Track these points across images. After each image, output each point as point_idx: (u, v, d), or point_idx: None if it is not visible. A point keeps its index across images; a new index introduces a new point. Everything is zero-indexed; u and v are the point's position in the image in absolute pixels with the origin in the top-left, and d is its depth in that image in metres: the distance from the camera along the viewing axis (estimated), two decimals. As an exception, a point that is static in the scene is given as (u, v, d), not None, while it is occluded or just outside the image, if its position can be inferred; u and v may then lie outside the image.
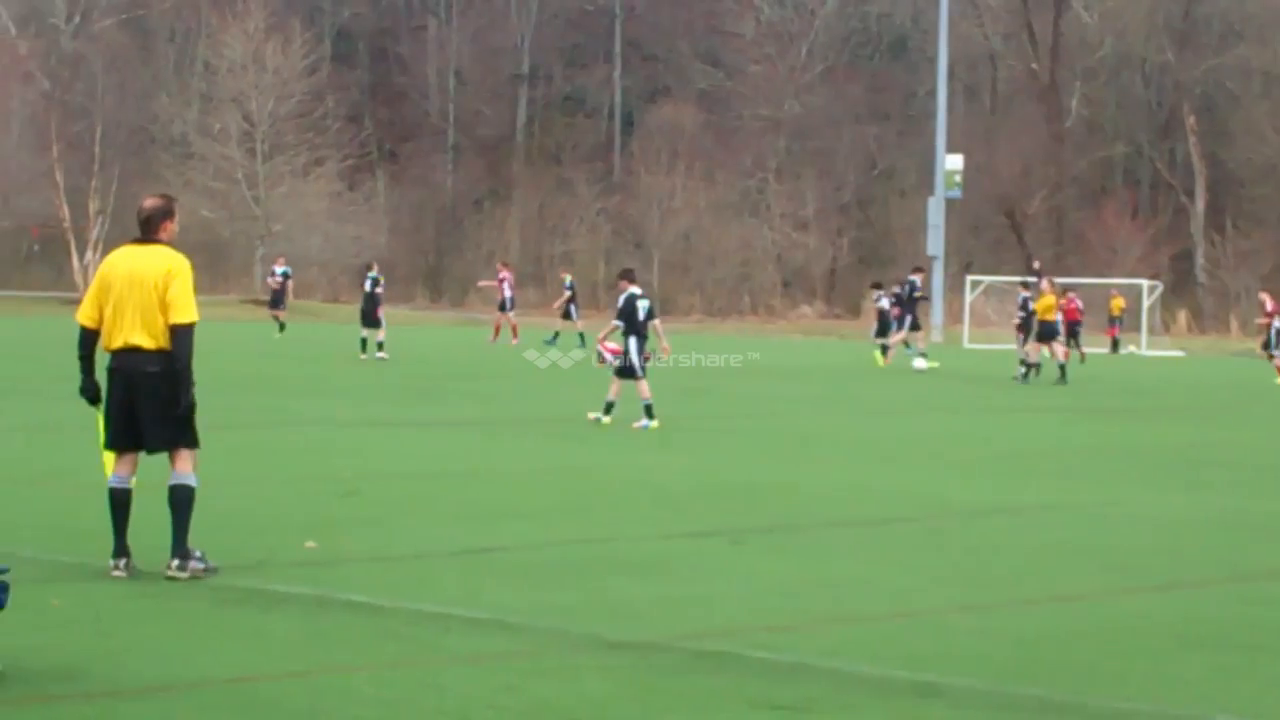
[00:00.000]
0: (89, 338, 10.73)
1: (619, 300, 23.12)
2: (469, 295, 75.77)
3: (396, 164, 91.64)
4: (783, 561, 12.15)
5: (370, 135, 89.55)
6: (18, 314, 62.15)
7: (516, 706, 7.82)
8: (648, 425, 22.43)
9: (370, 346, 38.21)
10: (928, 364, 39.63)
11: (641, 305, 22.95)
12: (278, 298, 50.36)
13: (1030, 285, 38.40)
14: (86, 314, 10.73)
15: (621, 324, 22.88)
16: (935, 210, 65.10)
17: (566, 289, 48.82)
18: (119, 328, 10.59)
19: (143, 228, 10.77)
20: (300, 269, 75.92)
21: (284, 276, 50.48)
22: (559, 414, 23.81)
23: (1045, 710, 8.09)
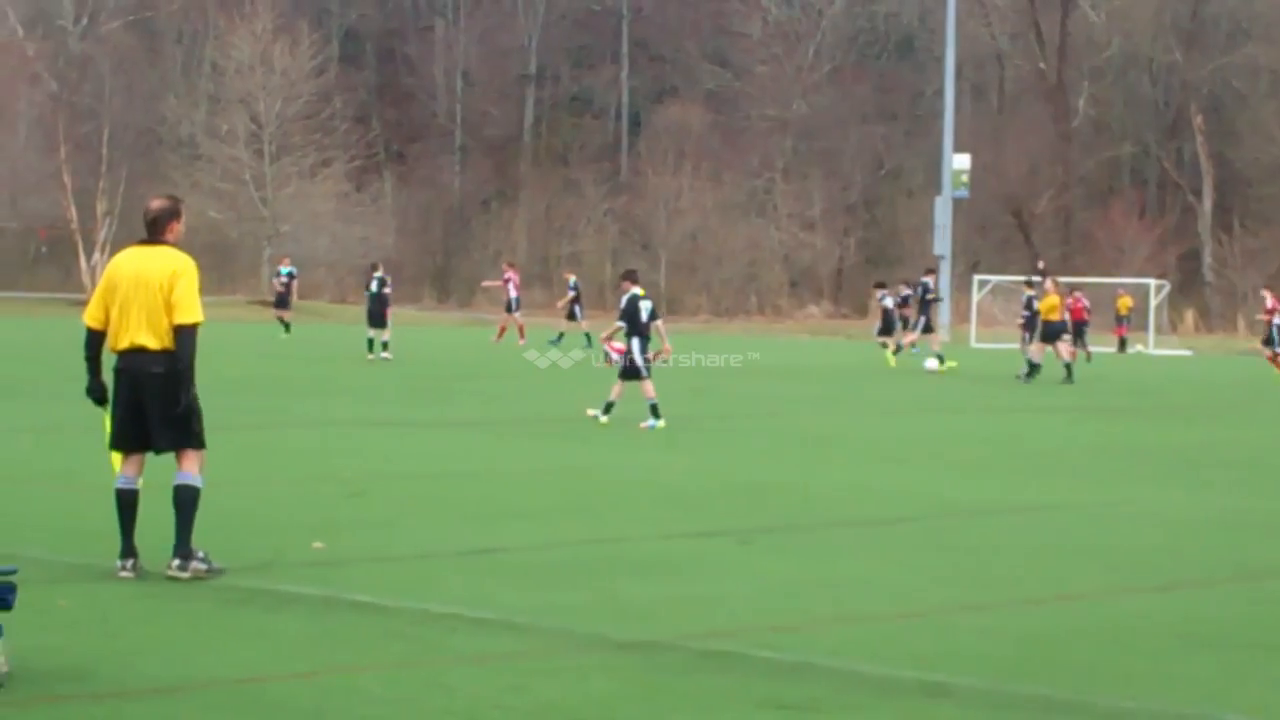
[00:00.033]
0: (95, 338, 10.77)
1: (621, 301, 23.17)
2: (476, 296, 75.79)
3: (404, 165, 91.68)
4: (788, 561, 12.16)
5: (377, 136, 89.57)
6: (25, 315, 62.19)
7: (523, 706, 7.84)
8: (654, 425, 22.47)
9: (376, 346, 38.33)
10: (944, 365, 39.52)
11: (644, 306, 22.98)
12: (283, 298, 50.42)
13: (1035, 285, 38.39)
14: (93, 315, 10.76)
15: (624, 324, 22.92)
16: (942, 210, 65.09)
17: (571, 289, 48.82)
18: (125, 328, 10.61)
19: (149, 229, 10.80)
20: (307, 270, 76.00)
21: (289, 277, 50.53)
22: (564, 414, 23.83)
23: (1049, 709, 8.10)
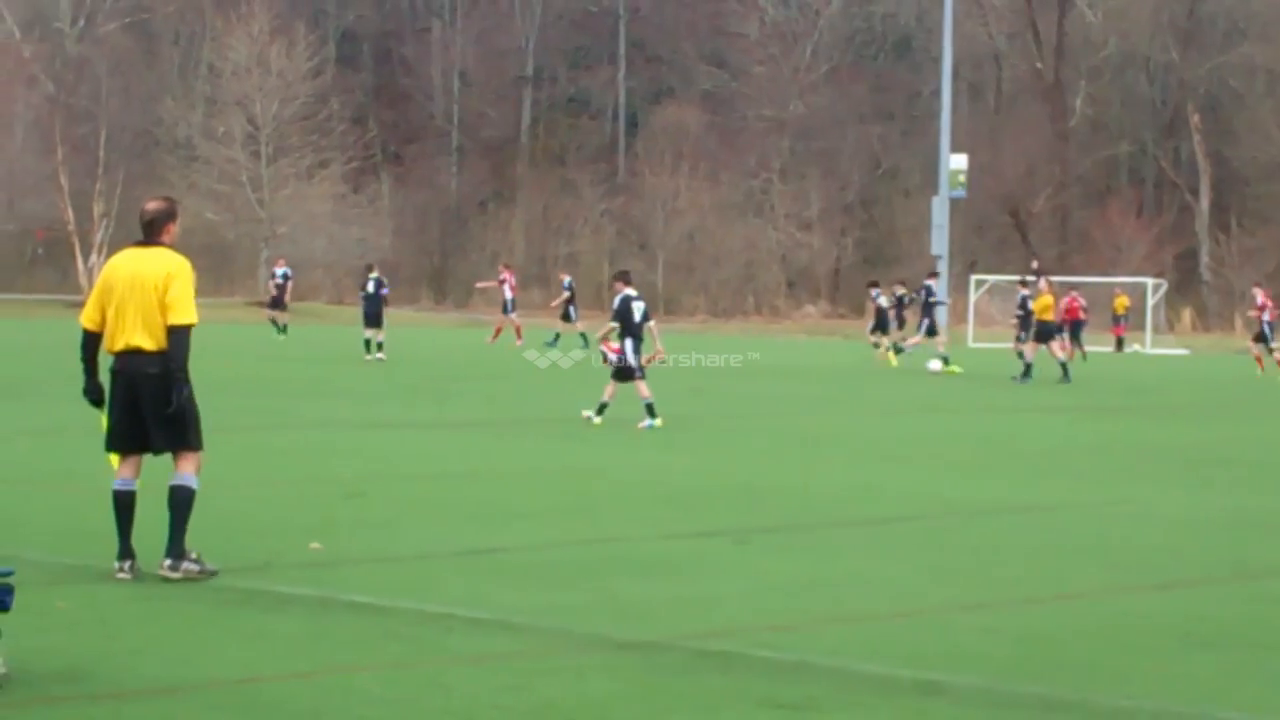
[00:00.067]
0: (91, 340, 10.78)
1: (614, 302, 23.21)
2: (473, 297, 75.78)
3: (401, 166, 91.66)
4: (786, 561, 12.15)
5: (374, 137, 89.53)
6: (22, 316, 62.17)
7: (521, 706, 7.83)
8: (651, 424, 22.51)
9: (373, 347, 38.40)
10: (948, 367, 39.49)
11: (637, 307, 23.02)
12: (277, 300, 50.45)
13: (1029, 284, 38.37)
14: (89, 316, 10.77)
15: (618, 325, 22.96)
16: (939, 210, 65.02)
17: (565, 289, 48.94)
18: (121, 330, 10.62)
19: (145, 230, 10.81)
20: (305, 271, 76.00)
21: (284, 278, 50.56)
22: (562, 414, 23.82)
23: (1048, 708, 8.10)
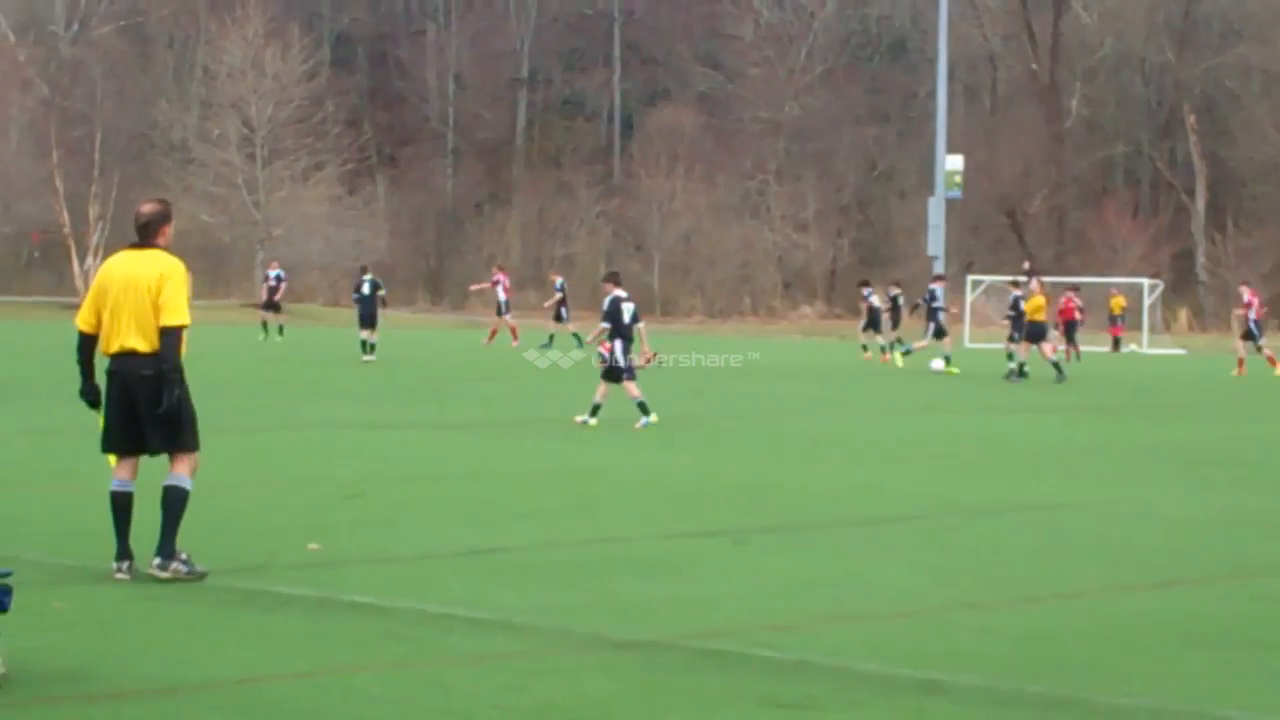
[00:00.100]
0: (87, 342, 10.80)
1: (604, 303, 23.24)
2: (469, 298, 75.79)
3: (396, 168, 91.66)
4: (786, 561, 12.15)
5: (370, 140, 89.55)
6: (19, 319, 62.17)
7: (521, 706, 7.83)
8: (647, 422, 22.59)
9: (368, 348, 38.43)
10: (949, 367, 39.50)
11: (626, 308, 23.06)
12: (271, 301, 50.46)
13: (1021, 285, 38.36)
14: (85, 319, 10.79)
15: (609, 325, 22.99)
16: (935, 211, 65.02)
17: (557, 290, 49.09)
18: (116, 332, 10.63)
19: (141, 233, 10.82)
20: (301, 273, 76.01)
21: (277, 280, 50.60)
22: (560, 415, 23.81)
23: (1048, 707, 8.09)
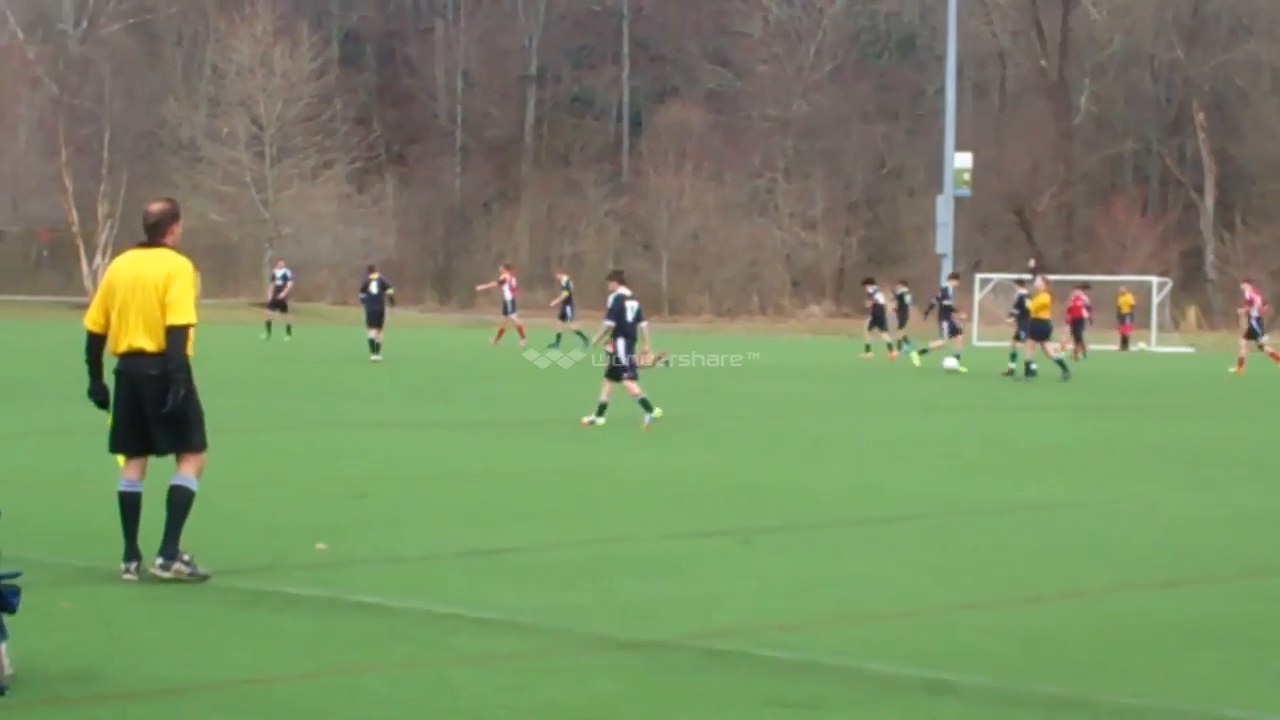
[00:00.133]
0: (96, 342, 10.81)
1: (608, 301, 23.25)
2: (478, 297, 75.83)
3: (405, 166, 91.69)
4: (792, 560, 12.16)
5: (378, 138, 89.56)
6: (27, 318, 62.24)
7: (527, 706, 7.85)
8: (652, 418, 22.62)
9: (377, 347, 38.46)
10: (958, 365, 39.51)
11: (630, 306, 23.09)
12: (278, 301, 50.50)
13: (1026, 283, 38.34)
14: (93, 318, 10.80)
15: (613, 323, 23.01)
16: (944, 208, 65.01)
17: (564, 289, 49.19)
18: (124, 331, 10.65)
19: (149, 232, 10.83)
20: (309, 272, 76.03)
21: (284, 279, 50.64)
22: (566, 415, 23.82)
23: (1054, 706, 8.10)
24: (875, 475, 17.97)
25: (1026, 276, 39.48)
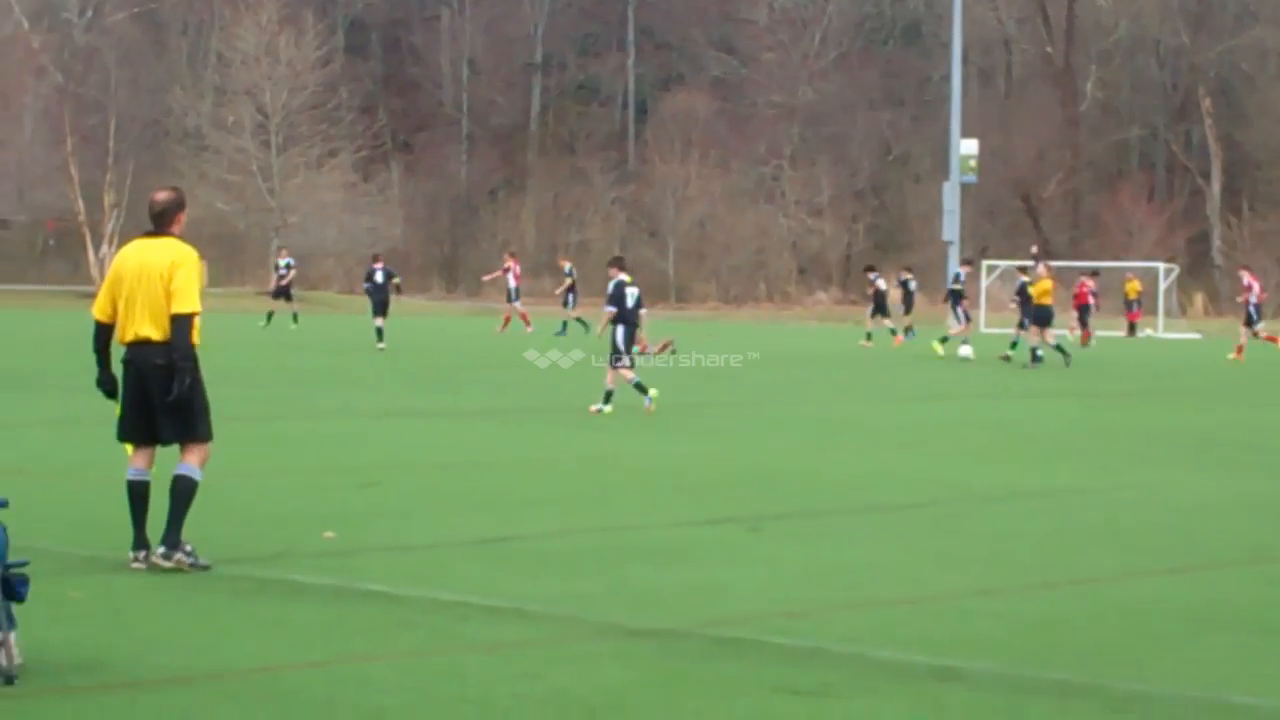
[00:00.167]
0: (103, 331, 10.81)
1: (609, 287, 23.23)
2: (484, 285, 75.85)
3: (410, 154, 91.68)
4: (801, 548, 12.15)
5: (384, 126, 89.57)
6: (34, 307, 62.31)
7: (536, 694, 7.84)
8: (650, 400, 22.68)
9: (384, 335, 38.50)
10: (970, 353, 39.51)
11: (630, 293, 23.10)
12: (283, 290, 50.52)
13: (1028, 270, 38.28)
14: (100, 308, 10.80)
15: (615, 309, 23.01)
16: (950, 195, 64.96)
17: (567, 276, 49.31)
18: (130, 320, 10.64)
19: (155, 221, 10.83)
20: (316, 261, 76.09)
21: (287, 268, 50.66)
22: (573, 403, 23.82)
23: (1064, 693, 8.10)
24: (883, 462, 17.96)
25: (1029, 263, 39.44)
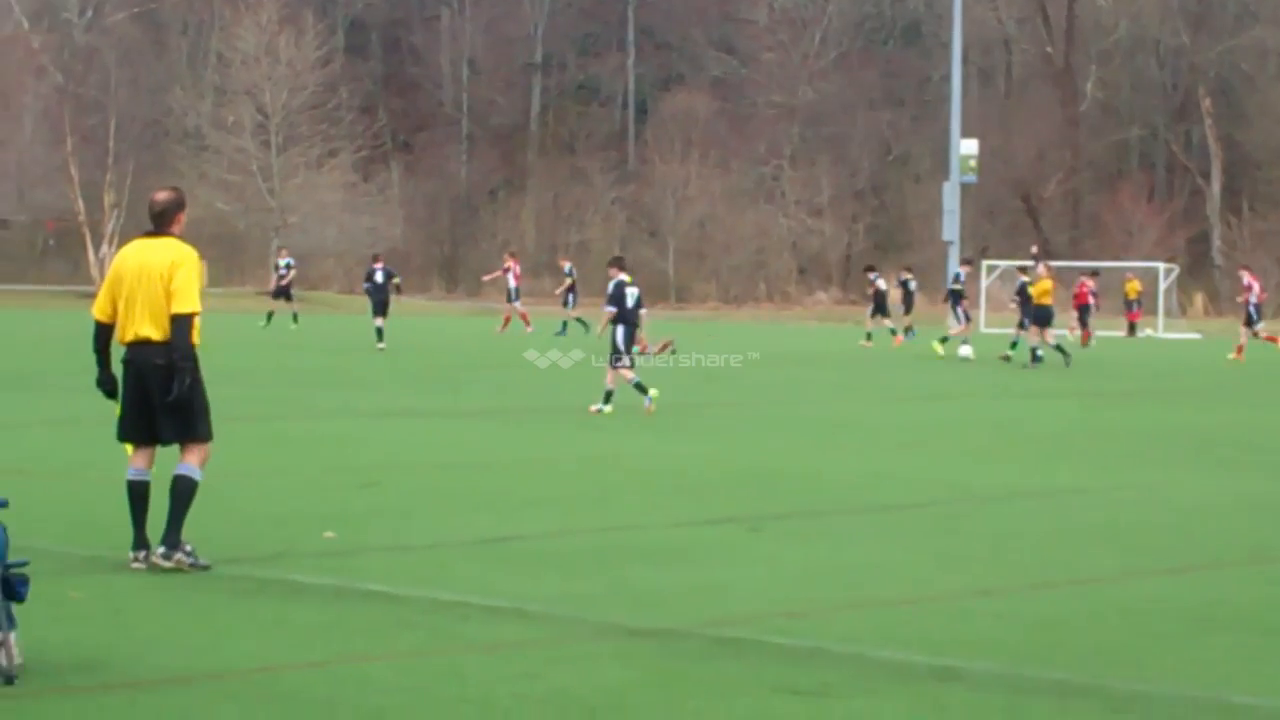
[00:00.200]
0: (103, 331, 10.82)
1: (609, 287, 23.23)
2: (484, 285, 75.85)
3: (410, 154, 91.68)
4: (801, 548, 12.15)
5: (384, 126, 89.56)
6: (34, 307, 62.32)
7: (536, 694, 7.84)
8: (650, 400, 22.66)
9: (384, 335, 38.50)
10: (970, 353, 39.53)
11: (630, 293, 23.10)
12: (283, 290, 50.52)
13: (1028, 270, 38.28)
14: (100, 308, 10.81)
15: (615, 309, 23.02)
16: (950, 195, 64.97)
17: (567, 275, 49.36)
18: (130, 320, 10.64)
19: (155, 221, 10.83)
20: (316, 261, 76.08)
21: (286, 268, 50.67)
22: (573, 403, 23.82)
23: (1064, 693, 8.09)
24: (883, 462, 17.96)
25: (1029, 263, 39.45)
